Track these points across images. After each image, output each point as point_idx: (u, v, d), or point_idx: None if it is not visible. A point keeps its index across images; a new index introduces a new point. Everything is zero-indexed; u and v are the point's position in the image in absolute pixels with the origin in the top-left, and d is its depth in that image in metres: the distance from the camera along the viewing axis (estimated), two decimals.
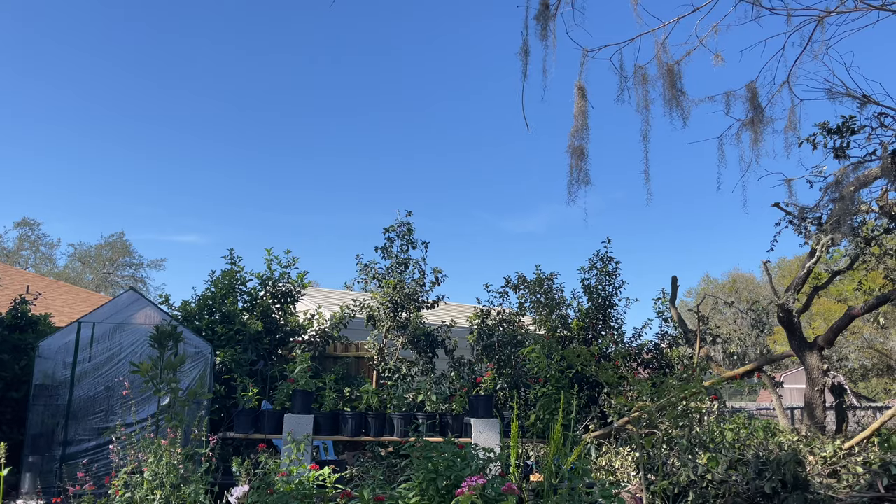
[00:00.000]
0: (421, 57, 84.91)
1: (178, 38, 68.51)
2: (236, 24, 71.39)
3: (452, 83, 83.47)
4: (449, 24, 74.13)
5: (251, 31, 72.98)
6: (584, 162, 5.71)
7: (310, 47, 79.34)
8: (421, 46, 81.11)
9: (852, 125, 6.61)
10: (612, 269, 13.44)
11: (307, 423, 6.73)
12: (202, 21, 70.46)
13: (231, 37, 71.58)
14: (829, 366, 10.57)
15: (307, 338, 11.90)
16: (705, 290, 43.46)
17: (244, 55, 72.96)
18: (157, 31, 66.80)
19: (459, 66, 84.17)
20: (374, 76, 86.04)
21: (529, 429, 7.19)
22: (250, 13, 71.07)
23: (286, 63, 78.88)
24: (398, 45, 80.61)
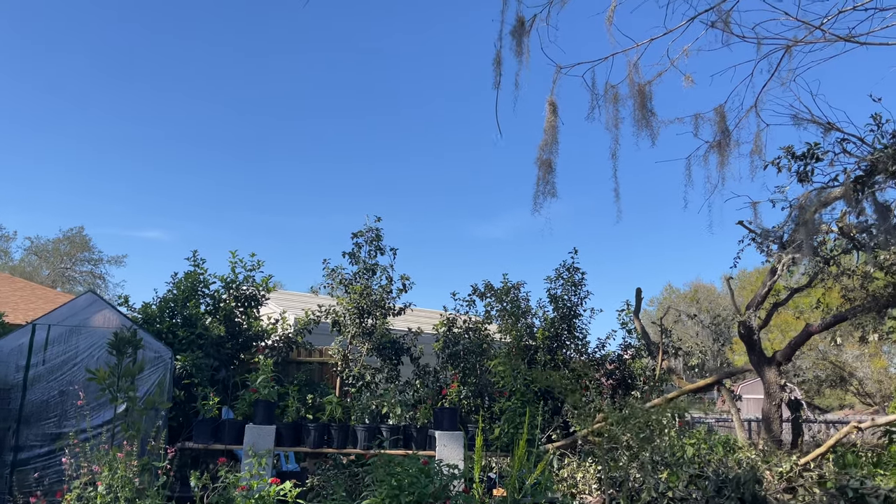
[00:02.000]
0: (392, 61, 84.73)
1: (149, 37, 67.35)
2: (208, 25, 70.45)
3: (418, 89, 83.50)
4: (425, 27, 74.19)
5: (218, 32, 72.09)
6: (552, 175, 5.74)
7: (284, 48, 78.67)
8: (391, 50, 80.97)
9: (816, 152, 6.75)
10: (577, 280, 13.54)
11: (269, 435, 6.62)
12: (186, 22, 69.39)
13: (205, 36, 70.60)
14: (786, 381, 10.78)
15: (270, 343, 11.73)
16: (668, 299, 44.10)
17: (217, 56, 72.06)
18: (149, 32, 65.66)
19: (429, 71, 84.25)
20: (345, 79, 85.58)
21: (494, 442, 7.18)
22: (231, 15, 70.25)
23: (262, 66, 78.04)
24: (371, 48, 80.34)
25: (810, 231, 6.42)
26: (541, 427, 8.77)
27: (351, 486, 9.13)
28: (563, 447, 10.77)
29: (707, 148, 6.08)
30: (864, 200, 6.16)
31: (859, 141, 6.58)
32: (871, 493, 5.50)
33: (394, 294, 12.30)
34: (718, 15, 5.17)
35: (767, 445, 10.12)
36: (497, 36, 5.28)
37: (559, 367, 12.73)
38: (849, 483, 5.73)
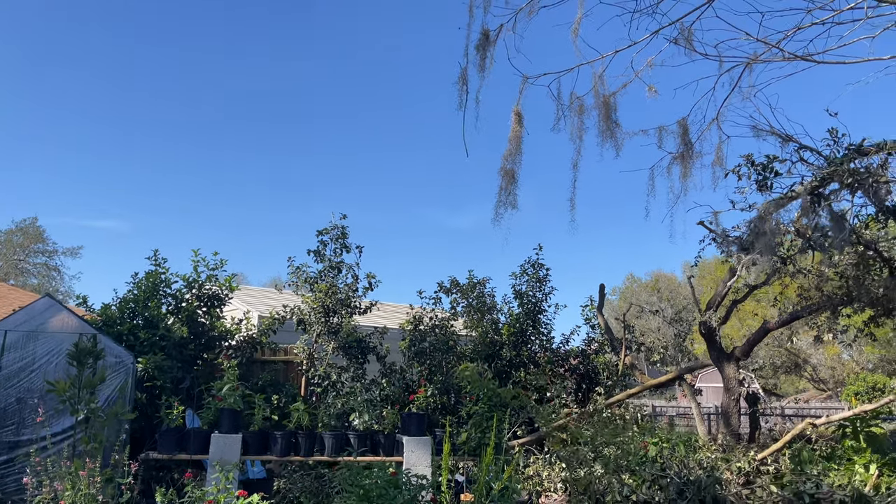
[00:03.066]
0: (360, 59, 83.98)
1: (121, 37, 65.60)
2: None
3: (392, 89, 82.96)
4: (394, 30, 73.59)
5: None
6: (514, 186, 5.78)
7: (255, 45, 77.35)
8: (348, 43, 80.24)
9: (774, 166, 6.91)
10: (542, 276, 13.66)
11: (235, 444, 6.57)
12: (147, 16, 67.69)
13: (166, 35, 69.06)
14: (744, 375, 11.06)
15: (235, 343, 11.60)
16: (629, 288, 44.80)
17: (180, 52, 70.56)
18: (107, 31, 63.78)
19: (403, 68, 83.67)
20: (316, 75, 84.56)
21: (461, 447, 7.23)
22: None
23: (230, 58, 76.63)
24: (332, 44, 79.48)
25: (769, 241, 6.57)
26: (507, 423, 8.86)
27: (317, 487, 9.13)
28: (528, 443, 10.91)
29: (670, 159, 6.20)
30: (821, 211, 6.34)
31: (816, 153, 6.75)
32: (826, 497, 5.70)
33: (360, 292, 12.25)
34: (681, 32, 5.25)
35: (726, 440, 10.38)
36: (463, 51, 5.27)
37: (525, 364, 12.85)
38: (805, 488, 5.91)
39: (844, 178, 6.42)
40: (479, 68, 5.30)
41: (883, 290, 7.77)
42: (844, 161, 7.31)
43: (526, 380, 12.42)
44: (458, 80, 5.38)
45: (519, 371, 12.59)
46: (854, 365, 32.74)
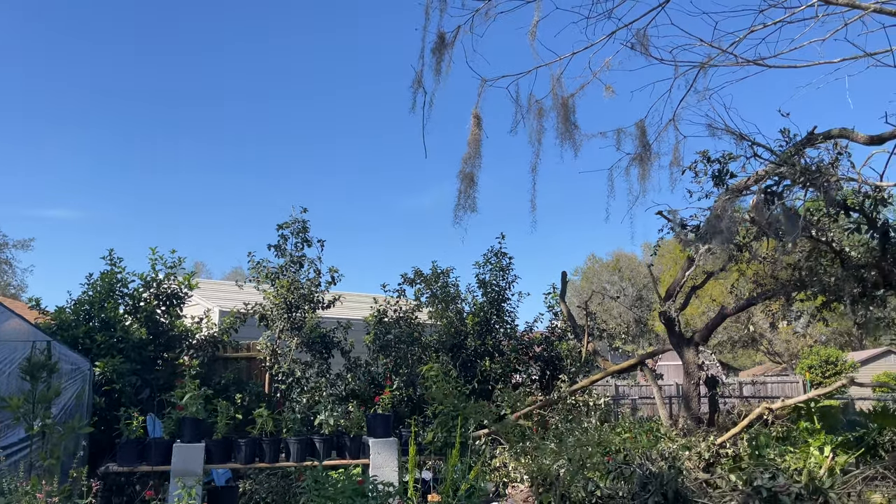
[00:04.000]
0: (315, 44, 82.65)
1: None
2: None
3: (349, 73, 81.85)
4: None
5: None
6: (473, 189, 5.77)
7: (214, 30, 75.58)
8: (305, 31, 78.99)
9: (728, 167, 7.03)
10: (505, 265, 13.72)
11: (198, 453, 6.48)
12: None
13: None
14: (704, 360, 11.30)
15: (196, 342, 11.41)
16: (591, 268, 45.35)
17: None
18: None
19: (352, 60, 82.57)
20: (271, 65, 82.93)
21: (428, 446, 7.26)
22: None
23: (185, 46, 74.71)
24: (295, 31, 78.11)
25: (725, 237, 6.69)
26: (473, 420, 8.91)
27: (284, 487, 9.08)
28: (495, 432, 11.01)
29: (629, 161, 6.24)
30: (775, 209, 6.47)
31: (769, 150, 6.88)
32: (783, 490, 5.87)
33: (322, 287, 12.15)
34: (637, 38, 5.26)
35: (687, 424, 10.63)
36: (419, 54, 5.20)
37: (490, 353, 12.93)
38: (763, 483, 6.09)
39: (797, 176, 6.56)
40: (434, 72, 5.26)
41: (834, 279, 7.99)
42: (795, 152, 7.50)
43: (491, 369, 12.51)
44: (412, 83, 5.32)
45: (484, 360, 12.67)
46: (808, 338, 33.75)
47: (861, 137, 8.03)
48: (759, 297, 9.76)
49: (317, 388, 11.40)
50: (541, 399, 11.86)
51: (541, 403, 11.71)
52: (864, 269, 7.86)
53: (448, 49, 5.36)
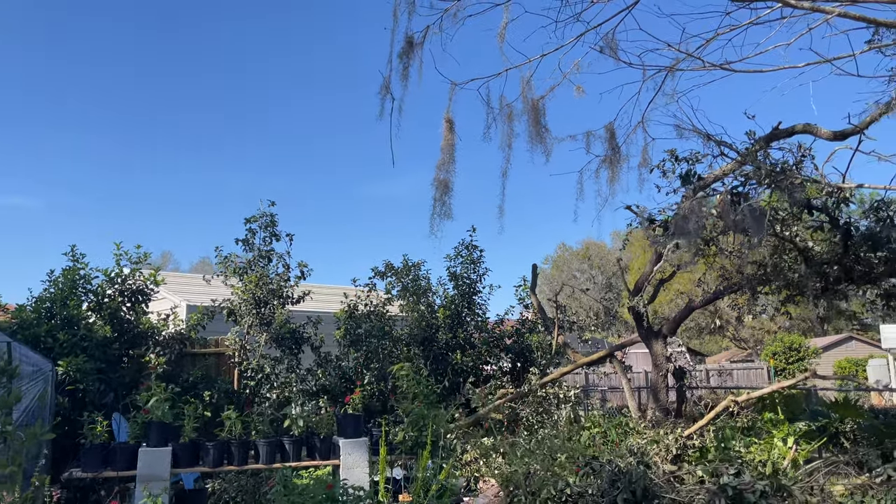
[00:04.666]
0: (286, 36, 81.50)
1: None
2: None
3: None
4: None
5: None
6: (449, 196, 5.74)
7: None
8: None
9: (695, 169, 7.10)
10: (476, 257, 13.73)
11: (164, 457, 6.38)
12: None
13: None
14: (672, 352, 11.45)
15: (162, 339, 11.21)
16: (561, 256, 45.66)
17: None
18: None
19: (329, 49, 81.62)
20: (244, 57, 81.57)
21: (399, 446, 7.25)
22: None
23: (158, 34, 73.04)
24: None
25: (692, 238, 6.76)
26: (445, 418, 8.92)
27: (254, 485, 9.01)
28: (466, 425, 11.05)
29: (599, 163, 6.26)
30: (741, 211, 6.55)
31: (734, 150, 6.96)
32: (748, 487, 5.99)
33: (292, 282, 12.03)
34: (606, 42, 5.26)
35: (655, 415, 10.77)
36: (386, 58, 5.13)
37: (461, 346, 12.95)
38: (728, 481, 6.20)
39: (763, 177, 6.64)
40: (402, 77, 5.19)
41: (798, 275, 8.13)
42: (760, 147, 7.61)
43: (462, 362, 12.54)
44: (380, 89, 5.25)
45: (455, 353, 12.69)
46: (772, 325, 34.46)
47: (824, 133, 8.17)
48: (726, 290, 9.90)
49: (287, 383, 11.32)
50: (511, 392, 11.92)
51: (511, 396, 11.77)
52: (826, 266, 8.02)
53: (417, 50, 5.29)
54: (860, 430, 10.07)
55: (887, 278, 8.10)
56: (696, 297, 11.38)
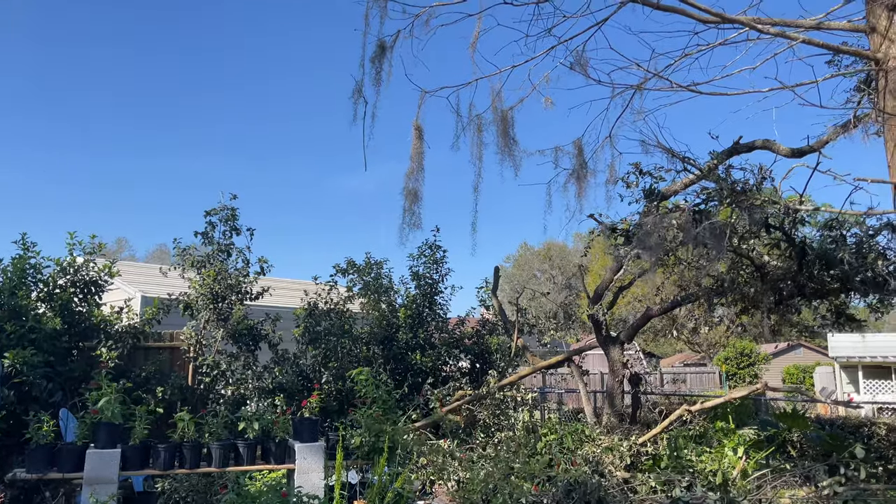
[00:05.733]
0: None
1: None
2: None
3: None
4: None
5: None
6: (418, 205, 5.70)
7: None
8: None
9: (657, 187, 7.20)
10: (439, 258, 13.71)
11: (113, 460, 6.22)
12: None
13: None
14: (628, 357, 11.62)
15: (115, 332, 10.92)
16: (523, 256, 45.96)
17: None
18: None
19: None
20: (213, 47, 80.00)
21: (356, 450, 7.20)
22: None
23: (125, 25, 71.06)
24: None
25: (654, 252, 6.86)
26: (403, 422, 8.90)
27: (205, 485, 8.85)
28: (423, 427, 11.04)
29: (567, 177, 6.30)
30: (703, 228, 6.66)
31: (698, 169, 7.07)
32: (699, 502, 6.10)
33: (251, 277, 11.85)
34: (577, 59, 5.28)
35: (610, 421, 10.92)
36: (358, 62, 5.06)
37: (421, 346, 12.92)
38: (681, 495, 6.31)
39: (724, 197, 6.77)
40: (374, 81, 5.13)
41: (754, 290, 8.32)
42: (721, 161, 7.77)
43: (422, 362, 12.52)
44: (353, 93, 5.17)
45: (415, 353, 12.66)
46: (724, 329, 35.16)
47: (783, 150, 8.36)
48: (683, 300, 10.08)
49: (242, 380, 11.15)
50: (470, 393, 11.95)
51: (469, 398, 11.80)
52: (780, 282, 8.21)
53: (389, 52, 5.23)
54: (807, 440, 10.37)
55: (838, 295, 8.34)
56: (653, 304, 11.56)
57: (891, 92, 5.34)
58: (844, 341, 24.57)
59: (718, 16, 5.46)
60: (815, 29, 5.77)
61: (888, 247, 8.17)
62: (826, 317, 8.90)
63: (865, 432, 10.59)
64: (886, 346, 24.25)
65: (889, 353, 24.14)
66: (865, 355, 24.45)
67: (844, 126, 7.38)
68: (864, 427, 10.79)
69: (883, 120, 5.52)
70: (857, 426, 10.98)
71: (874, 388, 24.70)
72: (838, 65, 8.70)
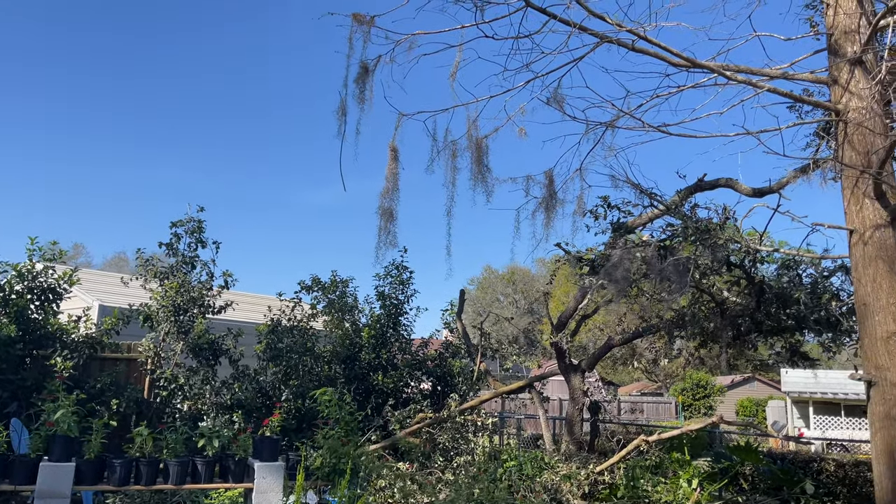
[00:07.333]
0: None
1: None
2: None
3: None
4: None
5: None
6: (393, 224, 5.76)
7: None
8: None
9: (625, 221, 7.41)
10: (405, 278, 13.71)
11: (67, 473, 6.07)
12: None
13: None
14: (588, 386, 11.77)
15: (71, 342, 10.68)
16: (486, 279, 46.24)
17: None
18: None
19: None
20: None
21: (315, 472, 7.15)
22: None
23: None
24: None
25: (621, 287, 7.03)
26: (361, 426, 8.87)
27: (159, 500, 8.67)
28: (383, 448, 10.98)
29: (536, 205, 6.43)
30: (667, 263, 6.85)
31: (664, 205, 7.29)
32: None
33: (215, 290, 11.72)
34: (552, 94, 5.44)
35: (569, 448, 11.02)
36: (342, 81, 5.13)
37: (384, 366, 12.88)
38: None
39: (689, 235, 6.98)
40: (357, 100, 5.20)
41: (713, 326, 8.54)
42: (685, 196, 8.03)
43: (383, 383, 12.47)
44: (336, 111, 5.24)
45: (377, 374, 12.60)
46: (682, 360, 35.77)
47: (745, 189, 8.65)
48: (645, 331, 10.27)
49: (200, 395, 10.99)
50: (430, 416, 11.93)
51: (430, 421, 11.78)
52: (739, 318, 8.46)
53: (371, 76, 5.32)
54: (759, 474, 10.60)
55: (794, 333, 8.61)
56: (615, 333, 11.75)
57: (849, 143, 5.61)
58: (797, 377, 25.19)
59: (689, 61, 5.68)
60: (780, 78, 6.03)
61: (841, 288, 8.48)
62: (781, 353, 9.16)
63: (815, 468, 10.86)
64: (837, 384, 24.92)
65: (839, 389, 24.81)
66: (817, 391, 25.08)
67: (803, 169, 7.66)
68: (814, 462, 11.06)
69: (840, 169, 5.78)
70: (807, 461, 11.26)
71: (824, 423, 25.34)
72: (798, 111, 9.09)
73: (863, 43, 5.66)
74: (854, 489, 10.47)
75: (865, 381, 5.56)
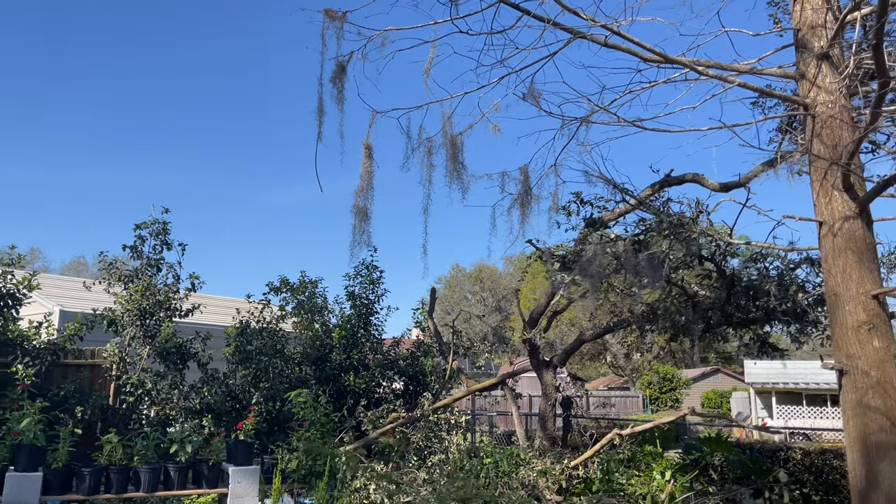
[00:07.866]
0: None
1: None
2: None
3: None
4: None
5: None
6: (367, 224, 5.69)
7: None
8: None
9: (599, 216, 7.45)
10: (375, 278, 13.63)
11: (34, 483, 5.88)
12: None
13: None
14: (560, 382, 11.83)
15: (32, 349, 10.36)
16: (455, 277, 46.28)
17: None
18: None
19: None
20: None
21: (291, 475, 7.04)
22: None
23: None
24: None
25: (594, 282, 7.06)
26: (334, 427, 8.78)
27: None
28: (356, 448, 10.88)
29: (511, 201, 6.43)
30: (642, 259, 6.91)
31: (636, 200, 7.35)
32: None
33: (181, 293, 11.48)
34: (528, 89, 5.43)
35: (543, 444, 11.06)
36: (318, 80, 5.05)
37: (355, 367, 12.77)
38: None
39: (663, 230, 7.05)
40: (336, 100, 5.12)
41: (685, 319, 8.65)
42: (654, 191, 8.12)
43: (355, 384, 12.37)
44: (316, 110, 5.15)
45: (349, 374, 12.50)
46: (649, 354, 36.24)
47: (712, 184, 8.76)
48: (616, 325, 10.35)
49: (168, 400, 10.76)
50: (403, 416, 11.87)
51: (403, 420, 11.71)
52: (710, 311, 8.57)
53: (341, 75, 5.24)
54: (728, 464, 10.77)
55: (762, 325, 8.75)
56: (585, 328, 11.82)
57: (818, 136, 5.71)
58: (760, 368, 25.74)
59: (661, 56, 5.73)
60: (749, 73, 6.13)
61: (807, 280, 8.65)
62: (749, 345, 9.32)
63: (782, 456, 11.07)
64: (798, 374, 25.53)
65: (800, 380, 25.43)
66: (779, 382, 25.66)
67: (770, 163, 7.78)
68: (781, 451, 11.29)
69: (810, 161, 5.88)
70: (774, 451, 11.48)
71: (786, 413, 25.94)
72: (762, 106, 9.24)
73: (830, 38, 5.77)
74: (820, 477, 10.71)
75: (837, 370, 5.66)
